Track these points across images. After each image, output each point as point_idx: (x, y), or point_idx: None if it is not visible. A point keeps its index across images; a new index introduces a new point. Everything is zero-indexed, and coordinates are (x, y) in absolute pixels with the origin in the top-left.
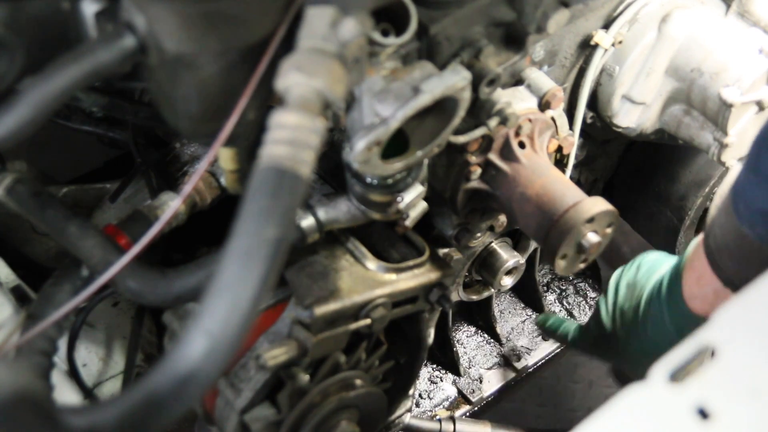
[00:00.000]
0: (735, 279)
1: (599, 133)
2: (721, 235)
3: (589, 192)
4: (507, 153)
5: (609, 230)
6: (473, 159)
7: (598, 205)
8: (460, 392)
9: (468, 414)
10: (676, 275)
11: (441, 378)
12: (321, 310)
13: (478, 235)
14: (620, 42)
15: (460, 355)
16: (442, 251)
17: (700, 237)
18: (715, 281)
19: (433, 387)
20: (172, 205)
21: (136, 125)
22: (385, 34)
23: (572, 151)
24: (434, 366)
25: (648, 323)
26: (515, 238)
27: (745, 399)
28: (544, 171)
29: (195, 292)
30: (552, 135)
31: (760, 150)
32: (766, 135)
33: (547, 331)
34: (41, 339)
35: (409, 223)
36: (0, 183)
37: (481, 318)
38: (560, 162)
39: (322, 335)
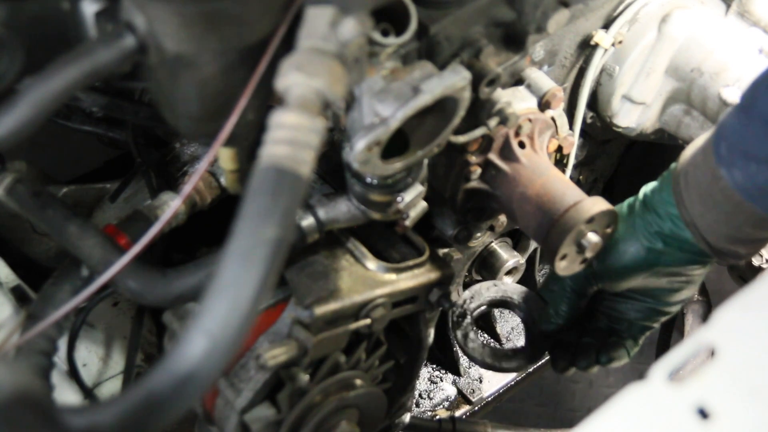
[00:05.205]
0: (697, 221)
1: (599, 133)
2: (694, 175)
3: (589, 192)
4: (507, 153)
5: (609, 230)
6: (473, 159)
7: (598, 205)
8: (460, 392)
9: (468, 414)
10: (656, 190)
11: (441, 378)
12: (321, 310)
13: (478, 235)
14: (620, 42)
15: (460, 355)
16: (442, 251)
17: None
18: None
19: (433, 387)
20: (172, 205)
21: (136, 125)
22: (385, 34)
23: (572, 151)
24: (434, 366)
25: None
26: (515, 238)
27: (745, 399)
28: (544, 171)
29: (195, 292)
30: (552, 135)
31: (757, 91)
32: (765, 78)
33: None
34: (41, 339)
35: (409, 223)
36: (0, 183)
37: (481, 318)
38: (560, 162)
39: (322, 335)
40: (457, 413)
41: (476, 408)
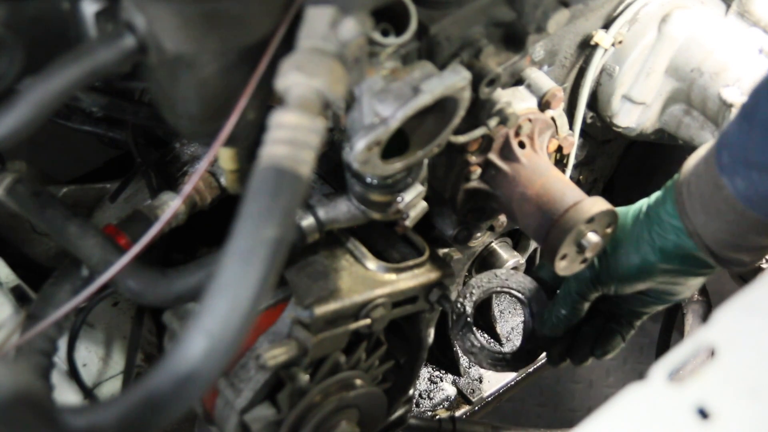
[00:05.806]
0: (700, 230)
1: (599, 133)
2: (697, 185)
3: (589, 192)
4: (507, 153)
5: (609, 230)
6: (473, 159)
7: (598, 205)
8: (460, 392)
9: (468, 414)
10: (660, 199)
11: (441, 378)
12: (321, 310)
13: (478, 235)
14: (620, 42)
15: (460, 355)
16: (442, 251)
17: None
18: None
19: (433, 387)
20: (172, 205)
21: (136, 125)
22: (385, 34)
23: (572, 151)
24: (434, 366)
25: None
26: (515, 238)
27: (745, 399)
28: (544, 171)
29: (195, 292)
30: (552, 135)
31: (759, 98)
32: (766, 85)
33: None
34: (41, 339)
35: (409, 223)
36: (0, 183)
37: (481, 318)
38: (560, 162)
39: (322, 335)
40: (457, 413)
41: (476, 408)
